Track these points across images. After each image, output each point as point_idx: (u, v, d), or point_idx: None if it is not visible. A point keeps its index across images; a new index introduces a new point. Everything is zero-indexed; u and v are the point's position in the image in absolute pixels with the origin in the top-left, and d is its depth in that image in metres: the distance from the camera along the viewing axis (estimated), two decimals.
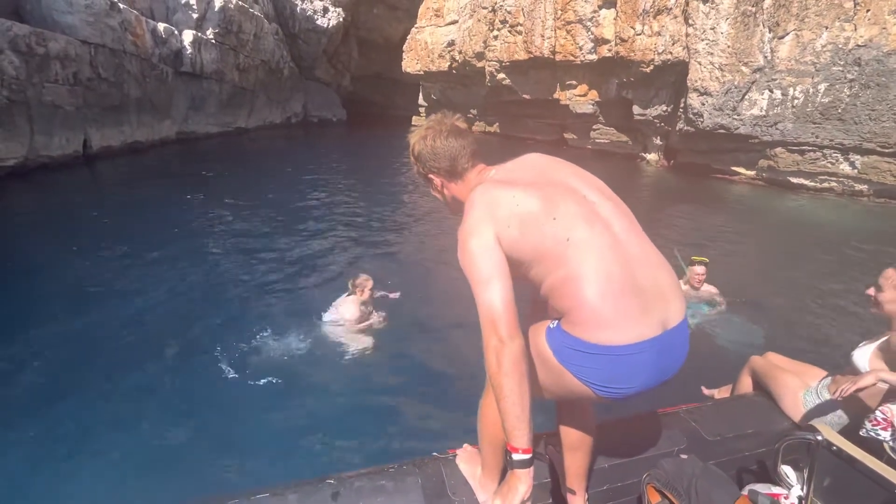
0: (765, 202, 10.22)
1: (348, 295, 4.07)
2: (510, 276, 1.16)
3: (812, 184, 11.13)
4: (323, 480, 1.57)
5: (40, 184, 8.72)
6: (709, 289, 4.33)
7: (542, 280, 1.22)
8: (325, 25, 22.06)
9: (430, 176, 1.40)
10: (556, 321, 1.25)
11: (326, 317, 4.04)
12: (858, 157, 10.29)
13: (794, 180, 11.31)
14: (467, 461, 1.63)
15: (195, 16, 14.01)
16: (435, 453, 1.71)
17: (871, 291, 2.00)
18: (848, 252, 6.75)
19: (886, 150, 9.81)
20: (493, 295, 1.12)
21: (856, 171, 10.43)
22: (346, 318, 3.94)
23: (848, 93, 9.84)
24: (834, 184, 10.87)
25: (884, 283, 1.97)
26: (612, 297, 1.16)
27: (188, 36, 13.58)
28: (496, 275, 1.14)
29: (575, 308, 1.18)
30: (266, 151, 15.63)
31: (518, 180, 1.29)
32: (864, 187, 10.50)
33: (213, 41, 14.77)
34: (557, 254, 1.18)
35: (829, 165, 10.72)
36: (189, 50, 13.61)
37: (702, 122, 11.65)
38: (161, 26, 12.56)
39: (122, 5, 10.88)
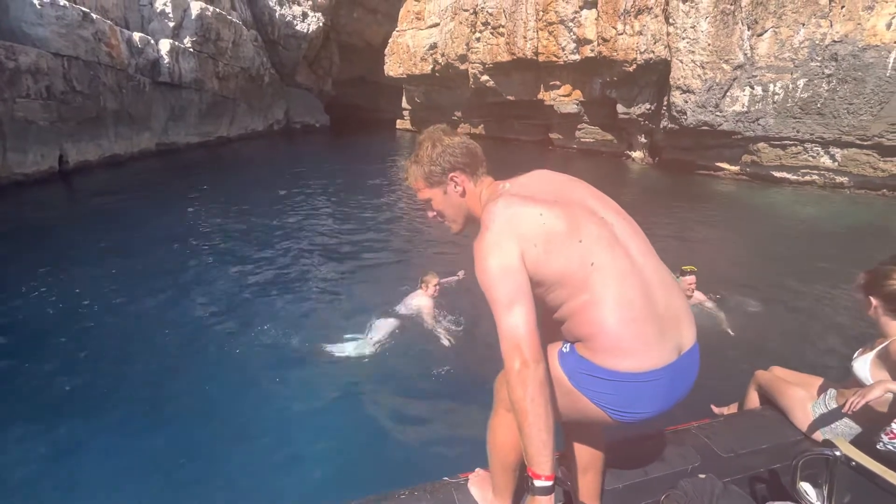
0: (750, 197, 10.37)
1: (416, 290, 4.43)
2: (532, 297, 1.12)
3: (794, 177, 11.33)
4: None
5: (15, 201, 8.40)
6: (699, 296, 4.41)
7: (562, 303, 1.19)
8: (305, 31, 21.81)
9: (452, 175, 1.30)
10: (570, 344, 1.23)
11: (401, 309, 4.30)
12: (838, 150, 10.50)
13: (777, 174, 11.50)
14: (479, 485, 1.59)
15: (171, 24, 13.70)
16: (446, 478, 1.68)
17: (868, 301, 1.97)
18: (835, 247, 6.85)
19: (865, 143, 10.02)
20: (517, 318, 1.07)
21: (836, 163, 10.64)
22: (420, 306, 4.25)
23: (826, 88, 10.04)
24: (816, 177, 11.08)
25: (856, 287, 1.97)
26: (632, 324, 1.14)
27: (165, 45, 13.28)
28: (520, 296, 1.10)
29: (596, 335, 1.15)
30: (250, 160, 15.40)
31: (539, 196, 1.23)
32: (844, 179, 10.72)
33: (191, 50, 14.47)
34: (581, 278, 1.15)
35: (811, 159, 10.92)
36: (166, 59, 13.30)
37: (685, 119, 11.77)
38: (136, 36, 12.26)
39: (94, 16, 10.58)
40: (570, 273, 1.15)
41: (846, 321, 4.39)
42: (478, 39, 16.24)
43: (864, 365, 1.95)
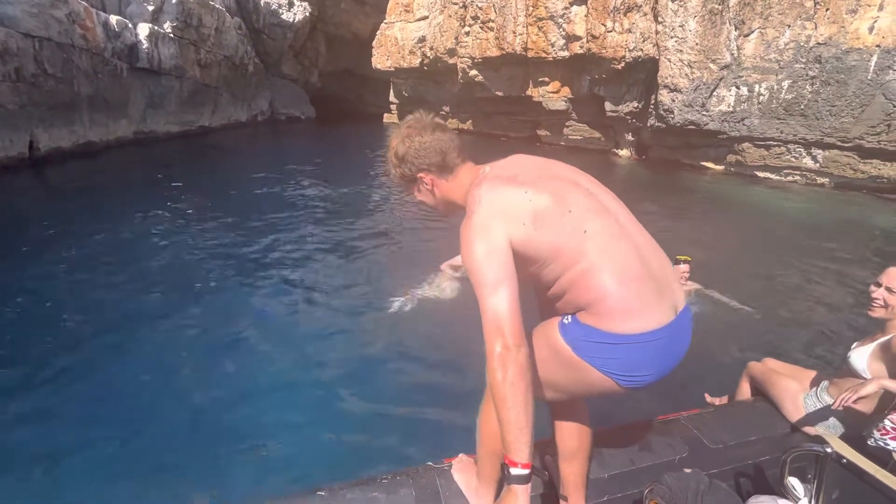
0: (735, 195, 10.48)
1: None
2: (517, 280, 1.12)
3: (777, 177, 11.50)
4: (313, 492, 1.54)
5: None
6: (692, 285, 4.45)
7: (558, 277, 1.20)
8: (291, 20, 21.39)
9: (420, 175, 1.33)
10: (571, 315, 1.22)
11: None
12: (820, 151, 10.67)
13: (761, 174, 11.66)
14: (463, 472, 1.57)
15: (151, 8, 13.27)
16: (429, 462, 1.66)
17: (879, 294, 1.93)
18: (820, 244, 6.90)
19: (846, 145, 10.20)
20: (500, 300, 1.07)
21: (818, 164, 10.82)
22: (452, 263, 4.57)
23: (810, 89, 10.17)
24: (798, 177, 11.25)
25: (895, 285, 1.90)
26: (632, 284, 1.16)
27: (144, 29, 12.86)
28: (504, 278, 1.10)
29: (598, 300, 1.15)
30: (232, 151, 15.04)
31: (522, 176, 1.25)
32: (825, 180, 10.91)
33: (172, 35, 14.04)
34: (575, 247, 1.16)
35: (793, 160, 11.08)
36: (145, 44, 12.88)
37: (672, 118, 11.84)
38: (113, 19, 11.83)
39: None
40: (563, 244, 1.16)
41: (839, 315, 4.41)
42: (467, 34, 16.10)
43: (861, 357, 1.92)
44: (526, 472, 1.04)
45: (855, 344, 2.02)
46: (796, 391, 2.11)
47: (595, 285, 1.15)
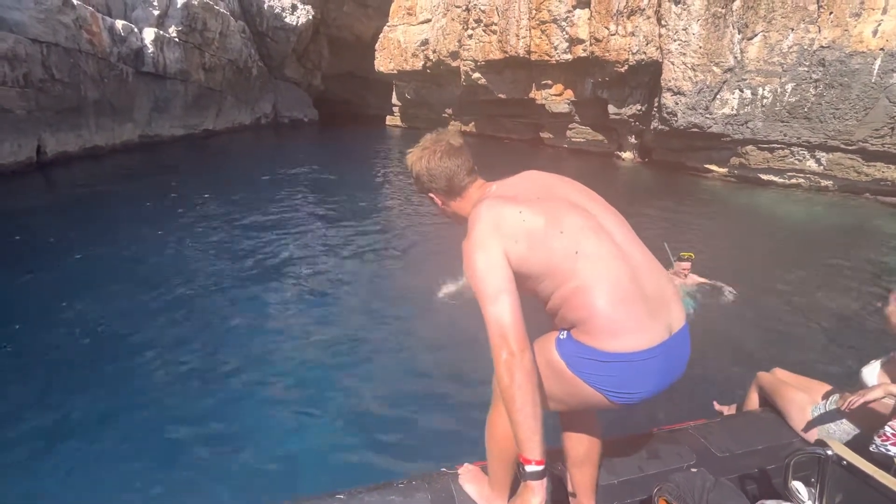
0: (738, 198, 10.48)
1: None
2: (517, 290, 1.18)
3: (781, 180, 11.48)
4: (332, 495, 1.59)
5: None
6: (694, 278, 4.62)
7: (552, 293, 1.24)
8: (294, 23, 21.50)
9: (430, 195, 1.45)
10: (566, 331, 1.27)
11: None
12: (824, 154, 10.66)
13: (765, 177, 11.64)
14: (472, 481, 1.62)
15: (156, 13, 13.37)
16: (444, 468, 1.71)
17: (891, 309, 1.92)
18: (827, 251, 6.86)
19: (849, 148, 10.19)
20: (502, 309, 1.13)
21: (822, 167, 10.80)
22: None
23: (813, 92, 10.16)
24: (801, 180, 11.24)
25: None
26: (623, 305, 1.19)
27: (149, 34, 12.96)
28: (504, 288, 1.15)
29: (588, 318, 1.19)
30: (237, 154, 15.13)
31: (521, 196, 1.30)
32: (829, 183, 10.89)
33: (177, 39, 14.15)
34: (567, 267, 1.20)
35: (797, 162, 11.07)
36: (150, 49, 12.99)
37: (675, 121, 11.85)
38: (119, 24, 11.93)
39: (75, 1, 10.26)
40: (555, 263, 1.21)
41: (848, 326, 4.39)
42: (470, 36, 16.16)
43: (872, 371, 1.93)
44: (541, 468, 1.08)
45: (871, 360, 2.01)
46: (804, 402, 2.11)
47: (585, 304, 1.19)
